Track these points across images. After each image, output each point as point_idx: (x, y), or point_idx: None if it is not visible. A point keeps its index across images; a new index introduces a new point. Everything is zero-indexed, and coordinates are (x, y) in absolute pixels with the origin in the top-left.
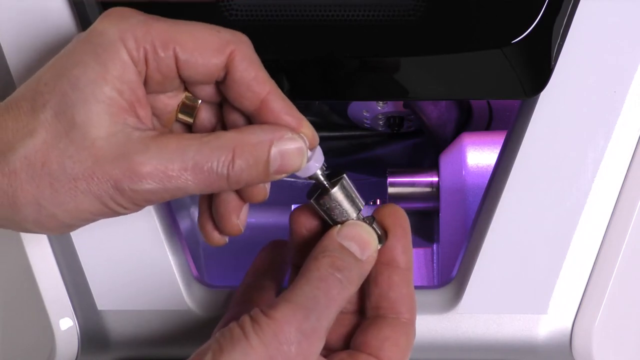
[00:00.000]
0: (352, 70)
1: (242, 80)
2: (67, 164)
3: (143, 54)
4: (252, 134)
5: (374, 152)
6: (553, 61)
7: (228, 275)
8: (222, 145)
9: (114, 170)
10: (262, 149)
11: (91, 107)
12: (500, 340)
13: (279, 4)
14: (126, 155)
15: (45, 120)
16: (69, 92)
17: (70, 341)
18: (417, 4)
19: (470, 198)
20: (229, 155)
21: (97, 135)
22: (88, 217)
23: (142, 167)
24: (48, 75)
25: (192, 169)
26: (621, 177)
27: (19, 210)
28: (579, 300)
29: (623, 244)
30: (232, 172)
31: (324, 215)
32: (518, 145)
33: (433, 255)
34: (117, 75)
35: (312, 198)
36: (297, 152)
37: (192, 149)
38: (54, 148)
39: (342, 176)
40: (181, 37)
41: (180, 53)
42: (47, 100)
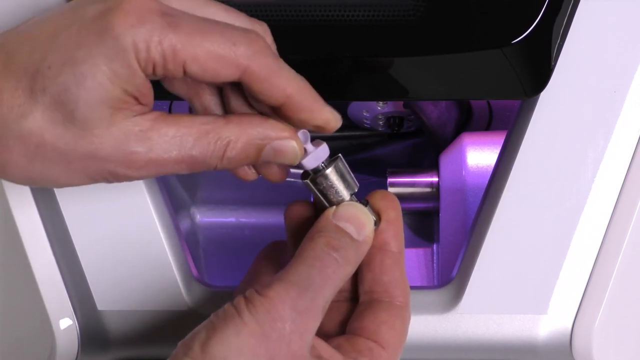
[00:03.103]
0: (352, 70)
1: (261, 90)
2: (62, 149)
3: (152, 64)
4: (250, 130)
5: (374, 152)
6: (553, 61)
7: (228, 275)
8: (220, 138)
9: (110, 160)
10: (254, 148)
11: (94, 104)
12: (500, 340)
13: (279, 4)
14: (124, 147)
15: (42, 104)
16: (73, 87)
17: (70, 341)
18: (417, 4)
19: (470, 198)
20: (222, 148)
21: (95, 128)
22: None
23: (139, 157)
24: (53, 58)
25: (188, 159)
26: (621, 177)
27: (9, 177)
28: (579, 300)
29: (623, 244)
30: (220, 163)
31: (319, 195)
32: (518, 145)
33: (433, 255)
34: (125, 79)
35: (307, 178)
36: (290, 152)
37: (191, 140)
38: (50, 133)
39: (338, 156)
40: (193, 52)
41: (189, 67)
42: (48, 86)
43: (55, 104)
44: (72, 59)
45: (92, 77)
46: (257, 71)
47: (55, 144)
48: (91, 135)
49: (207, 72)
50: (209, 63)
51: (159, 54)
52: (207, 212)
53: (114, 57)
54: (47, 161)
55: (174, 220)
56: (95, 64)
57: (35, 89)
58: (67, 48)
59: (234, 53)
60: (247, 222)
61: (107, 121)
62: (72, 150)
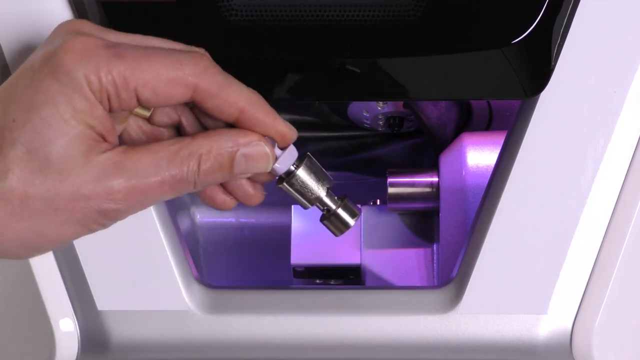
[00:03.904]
0: (352, 70)
1: (214, 107)
2: (46, 198)
3: (106, 95)
4: (219, 140)
5: (374, 152)
6: (553, 61)
7: (228, 275)
8: (191, 153)
9: (95, 197)
10: (227, 156)
11: (65, 144)
12: (500, 340)
13: (279, 4)
14: (104, 181)
15: (17, 158)
16: (42, 130)
17: (70, 341)
18: (417, 4)
19: (470, 198)
20: (196, 162)
21: (73, 169)
22: (67, 242)
23: (121, 187)
24: (15, 111)
25: (168, 180)
26: (621, 177)
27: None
28: (579, 300)
29: (623, 244)
30: (198, 179)
31: (296, 195)
32: (518, 145)
33: (433, 255)
34: (87, 113)
35: (281, 183)
36: (262, 156)
37: (164, 161)
38: (31, 185)
39: (306, 154)
40: (143, 77)
41: (141, 93)
42: (17, 137)
43: (28, 153)
44: (34, 104)
45: (57, 117)
46: (208, 88)
47: (38, 193)
48: (71, 176)
49: (159, 96)
50: (159, 86)
51: (110, 84)
52: (207, 212)
53: (71, 92)
54: (35, 215)
55: (174, 220)
56: (56, 103)
57: (5, 145)
58: (26, 97)
59: (182, 72)
60: (247, 222)
61: (82, 159)
62: (56, 195)
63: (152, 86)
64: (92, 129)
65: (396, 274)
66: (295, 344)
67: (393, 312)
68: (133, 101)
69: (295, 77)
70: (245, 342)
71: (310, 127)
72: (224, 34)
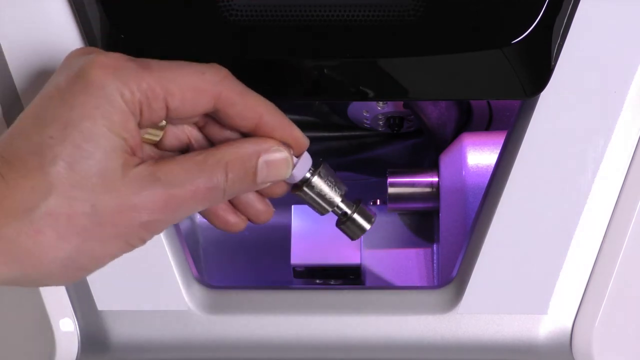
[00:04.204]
0: (352, 70)
1: (236, 113)
2: (91, 213)
3: (138, 106)
4: (242, 147)
5: (374, 152)
6: (553, 61)
7: (228, 275)
8: (218, 161)
9: (137, 209)
10: (250, 161)
11: (105, 157)
12: (500, 340)
13: (279, 5)
14: (144, 192)
15: (58, 174)
16: (82, 144)
17: (71, 341)
18: (417, 4)
19: (470, 198)
20: (223, 170)
21: (114, 182)
22: (109, 260)
23: (160, 198)
24: (52, 129)
25: (201, 189)
26: (621, 177)
27: (45, 267)
28: (579, 300)
29: (623, 244)
30: (227, 186)
31: (313, 202)
32: (518, 145)
33: (433, 255)
34: (122, 126)
35: (297, 190)
36: (283, 162)
37: (195, 171)
38: (76, 200)
39: (321, 162)
40: (171, 87)
41: (171, 103)
42: (58, 153)
43: (70, 168)
44: (71, 121)
45: (95, 131)
46: (229, 95)
47: (83, 209)
48: (112, 189)
49: (187, 105)
50: (186, 95)
51: (142, 95)
52: None
53: (106, 106)
54: (81, 231)
55: None
56: (93, 117)
57: (46, 161)
58: (61, 115)
59: (205, 81)
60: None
61: (120, 172)
62: (101, 209)
63: (180, 95)
64: (126, 142)
65: (396, 274)
66: (295, 344)
67: (393, 312)
68: (163, 112)
69: (295, 77)
70: (245, 342)
71: (310, 127)
72: (224, 34)
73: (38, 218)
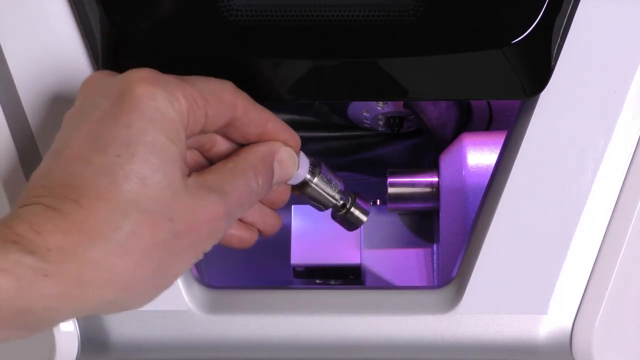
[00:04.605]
0: (352, 70)
1: (250, 120)
2: (171, 226)
3: (186, 114)
4: (259, 151)
5: (374, 152)
6: (553, 61)
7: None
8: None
9: (204, 218)
10: (270, 162)
11: (170, 169)
12: (500, 340)
13: (279, 4)
14: (204, 201)
15: (135, 191)
16: (150, 158)
17: (70, 341)
18: (417, 4)
19: (470, 198)
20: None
21: (180, 192)
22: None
23: (220, 206)
24: (116, 148)
25: (244, 194)
26: (621, 177)
27: (135, 288)
28: (579, 300)
29: (623, 244)
30: (259, 189)
31: (316, 199)
32: (518, 145)
33: (433, 255)
34: (177, 136)
35: (298, 190)
36: (292, 160)
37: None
38: (155, 215)
39: (319, 161)
40: (208, 97)
41: (209, 112)
42: (130, 170)
43: (143, 183)
44: (131, 137)
45: (157, 143)
46: (245, 103)
47: (164, 223)
48: (182, 199)
49: (218, 114)
50: (215, 103)
51: (188, 102)
52: None
53: (160, 117)
54: (163, 246)
55: None
56: (151, 130)
57: (119, 181)
58: (119, 133)
59: (227, 91)
60: None
61: (182, 182)
62: (179, 220)
63: (216, 104)
64: (181, 152)
65: (396, 274)
66: (295, 344)
67: (393, 312)
68: (203, 120)
69: (295, 77)
70: (245, 342)
71: (310, 127)
72: (224, 34)
73: (124, 237)
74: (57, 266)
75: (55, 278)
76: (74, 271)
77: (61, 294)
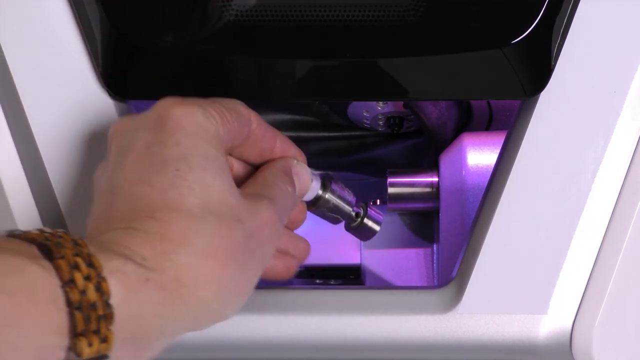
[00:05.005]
0: (352, 70)
1: (264, 134)
2: (242, 229)
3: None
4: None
5: (374, 152)
6: (553, 61)
7: None
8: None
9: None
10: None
11: (227, 175)
12: (500, 340)
13: (279, 4)
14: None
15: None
16: (207, 166)
17: None
18: (417, 4)
19: (470, 198)
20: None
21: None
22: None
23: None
24: (173, 164)
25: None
26: (621, 177)
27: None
28: (579, 300)
29: (623, 244)
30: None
31: (330, 214)
32: (518, 145)
33: (433, 255)
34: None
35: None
36: (306, 173)
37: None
38: (227, 219)
39: (330, 179)
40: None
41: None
42: (192, 181)
43: (208, 191)
44: (183, 153)
45: (209, 153)
46: (257, 117)
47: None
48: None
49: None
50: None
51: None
52: None
53: (203, 131)
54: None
55: None
56: (200, 142)
57: (185, 193)
58: (170, 153)
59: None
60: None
61: (237, 190)
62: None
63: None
64: (227, 163)
65: (396, 274)
66: (295, 344)
67: (393, 312)
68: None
69: (295, 77)
70: (245, 342)
71: (310, 127)
72: (224, 34)
73: (206, 241)
74: (155, 271)
75: (156, 282)
76: (171, 275)
77: (165, 299)
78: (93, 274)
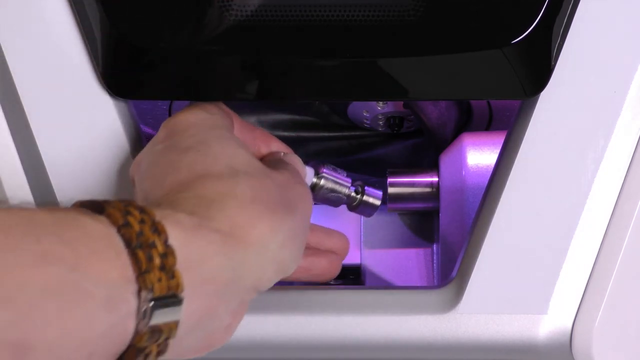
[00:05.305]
0: (352, 70)
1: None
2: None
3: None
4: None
5: (374, 152)
6: (553, 61)
7: None
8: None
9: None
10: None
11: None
12: (500, 340)
13: (279, 4)
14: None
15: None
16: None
17: None
18: (417, 4)
19: (470, 198)
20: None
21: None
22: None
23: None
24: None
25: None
26: (621, 177)
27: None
28: (579, 300)
29: (623, 244)
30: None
31: (327, 198)
32: (518, 145)
33: (433, 255)
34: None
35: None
36: (297, 159)
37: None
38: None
39: (321, 165)
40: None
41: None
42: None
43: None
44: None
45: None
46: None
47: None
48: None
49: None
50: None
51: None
52: None
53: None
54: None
55: None
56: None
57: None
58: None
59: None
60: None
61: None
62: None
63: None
64: None
65: (396, 274)
66: (295, 344)
67: (393, 312)
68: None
69: (295, 77)
70: (245, 342)
71: (310, 127)
72: (224, 34)
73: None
74: (206, 219)
75: (210, 227)
76: (223, 220)
77: (223, 240)
78: (147, 218)
